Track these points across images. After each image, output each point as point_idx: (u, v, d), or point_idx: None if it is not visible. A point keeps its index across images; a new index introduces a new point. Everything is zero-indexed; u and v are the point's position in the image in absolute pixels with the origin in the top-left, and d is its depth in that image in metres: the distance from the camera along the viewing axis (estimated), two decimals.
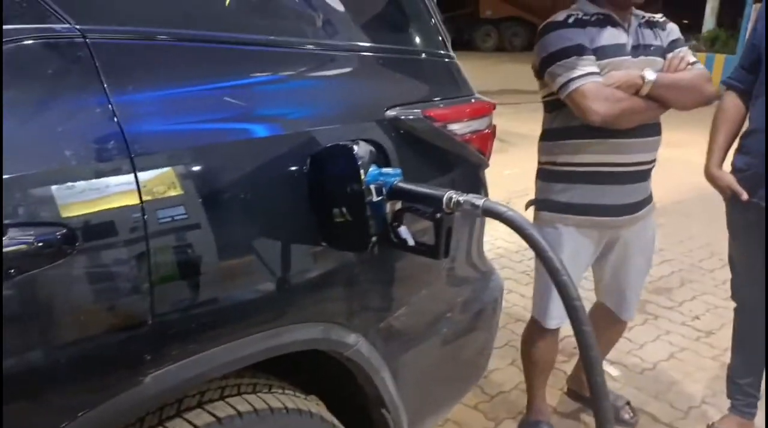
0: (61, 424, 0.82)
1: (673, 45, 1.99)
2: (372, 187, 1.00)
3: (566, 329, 3.00)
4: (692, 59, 1.96)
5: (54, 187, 0.78)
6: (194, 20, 1.02)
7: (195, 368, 0.94)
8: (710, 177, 2.21)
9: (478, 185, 1.45)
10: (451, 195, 1.01)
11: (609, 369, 2.81)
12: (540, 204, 2.13)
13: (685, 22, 12.64)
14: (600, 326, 2.36)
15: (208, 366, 0.95)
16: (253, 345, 1.01)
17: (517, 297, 3.49)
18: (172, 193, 0.88)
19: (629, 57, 1.91)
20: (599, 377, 0.98)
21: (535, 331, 2.27)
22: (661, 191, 2.28)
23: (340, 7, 1.21)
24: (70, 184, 0.79)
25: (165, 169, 0.88)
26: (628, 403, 2.47)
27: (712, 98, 1.95)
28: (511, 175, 4.85)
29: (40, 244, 0.77)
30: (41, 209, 0.77)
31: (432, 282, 1.33)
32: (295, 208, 1.04)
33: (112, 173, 0.83)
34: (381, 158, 1.16)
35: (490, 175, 1.48)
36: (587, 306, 2.83)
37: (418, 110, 1.22)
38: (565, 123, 1.99)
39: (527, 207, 2.18)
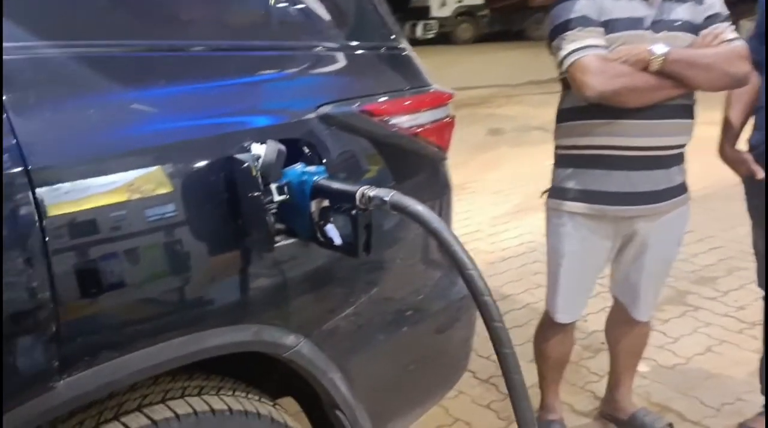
0: None
1: (710, 21, 1.81)
2: (273, 186, 1.00)
3: (594, 324, 2.92)
4: (731, 36, 1.78)
5: None
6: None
7: (110, 374, 0.95)
8: (724, 157, 2.08)
9: (436, 178, 1.42)
10: (363, 190, 0.99)
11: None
12: (550, 191, 2.05)
13: None
14: (618, 329, 2.26)
15: (125, 372, 0.97)
16: (174, 349, 1.02)
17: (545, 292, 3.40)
18: (76, 199, 0.90)
19: (647, 32, 1.77)
20: (517, 375, 0.94)
21: (547, 325, 2.20)
22: (712, 175, 2.15)
23: (270, 5, 1.21)
24: None
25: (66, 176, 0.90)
26: (670, 425, 2.28)
27: (741, 79, 1.77)
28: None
29: None
30: None
31: (384, 281, 1.32)
32: (214, 209, 1.04)
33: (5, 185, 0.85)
34: (311, 156, 1.15)
35: (533, 166, 1.44)
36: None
37: (354, 105, 1.21)
38: (573, 102, 1.90)
39: (542, 195, 2.11)
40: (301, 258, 1.16)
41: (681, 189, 1.97)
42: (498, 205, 4.79)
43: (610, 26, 1.78)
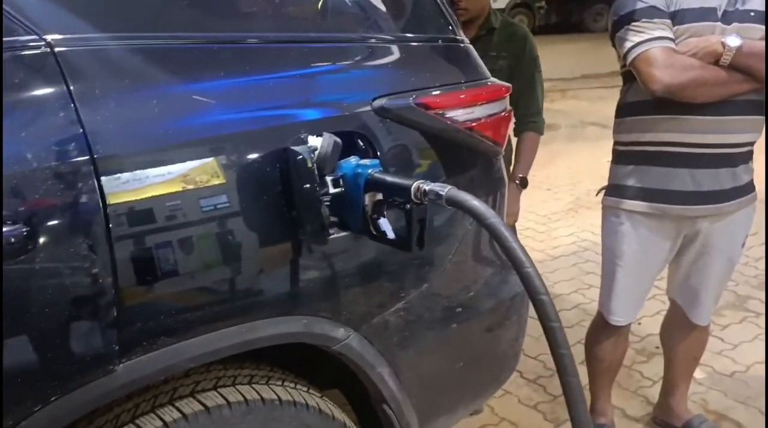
0: (34, 408, 0.89)
1: None
2: (328, 179, 1.01)
3: (649, 327, 2.85)
4: None
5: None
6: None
7: (166, 359, 0.99)
8: None
9: (491, 173, 1.41)
10: (418, 184, 0.99)
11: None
12: (608, 189, 2.01)
13: None
14: (675, 333, 2.20)
15: (180, 358, 1.00)
16: (227, 338, 1.04)
17: (597, 293, 3.33)
18: (138, 188, 0.93)
19: (718, 23, 1.71)
20: (573, 377, 0.93)
21: (601, 327, 2.15)
22: None
23: None
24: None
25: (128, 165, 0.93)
26: None
27: None
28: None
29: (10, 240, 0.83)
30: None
31: (434, 277, 1.31)
32: (269, 200, 1.06)
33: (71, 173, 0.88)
34: (365, 149, 1.16)
35: (588, 163, 1.41)
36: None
37: (409, 98, 1.21)
38: (636, 96, 1.86)
39: (597, 193, 2.08)
40: (351, 251, 1.17)
41: (748, 188, 1.90)
42: (551, 202, 4.72)
43: (679, 17, 1.72)
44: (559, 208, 4.62)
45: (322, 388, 1.34)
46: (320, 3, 1.24)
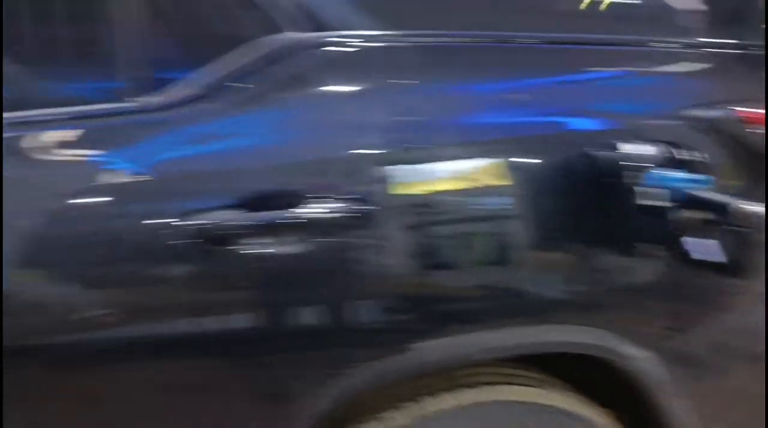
0: (342, 370, 0.94)
1: None
2: (647, 190, 0.92)
3: None
4: None
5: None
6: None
7: (459, 347, 0.98)
8: None
9: None
10: (745, 206, 0.86)
11: None
12: None
13: None
14: None
15: (470, 349, 0.98)
16: (518, 337, 1.01)
17: None
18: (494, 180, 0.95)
19: None
20: None
21: None
22: None
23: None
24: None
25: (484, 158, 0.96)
26: None
27: None
28: None
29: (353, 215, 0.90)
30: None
31: (745, 308, 1.11)
32: (576, 207, 1.00)
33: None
34: (680, 161, 1.03)
35: None
36: None
37: (730, 110, 1.06)
38: None
39: None
40: (656, 268, 1.05)
41: None
42: None
43: None
44: None
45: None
46: (636, 7, 1.16)
